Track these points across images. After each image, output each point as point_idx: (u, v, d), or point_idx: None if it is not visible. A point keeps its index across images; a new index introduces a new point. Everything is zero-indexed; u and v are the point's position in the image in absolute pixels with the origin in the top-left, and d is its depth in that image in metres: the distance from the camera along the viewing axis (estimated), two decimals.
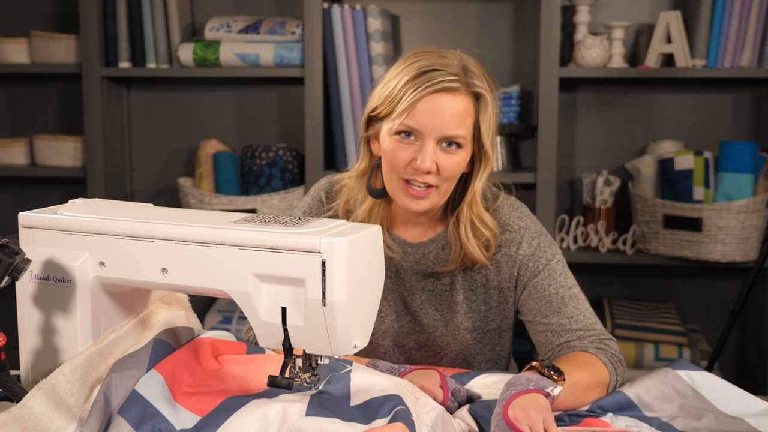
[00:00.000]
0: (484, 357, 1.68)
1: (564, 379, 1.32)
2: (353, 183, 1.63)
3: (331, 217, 1.65)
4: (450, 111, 1.47)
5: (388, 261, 1.62)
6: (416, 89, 1.46)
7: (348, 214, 1.63)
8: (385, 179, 1.54)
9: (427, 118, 1.47)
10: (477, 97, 1.51)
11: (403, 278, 1.63)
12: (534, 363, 1.34)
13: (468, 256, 1.58)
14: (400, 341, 1.67)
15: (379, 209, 1.61)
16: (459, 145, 1.49)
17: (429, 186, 1.50)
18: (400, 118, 1.47)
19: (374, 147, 1.58)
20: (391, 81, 1.51)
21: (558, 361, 1.41)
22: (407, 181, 1.50)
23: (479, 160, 1.55)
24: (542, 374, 1.32)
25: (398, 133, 1.49)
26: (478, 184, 1.56)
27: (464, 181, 1.58)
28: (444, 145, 1.49)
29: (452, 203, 1.59)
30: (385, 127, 1.52)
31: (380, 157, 1.56)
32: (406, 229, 1.64)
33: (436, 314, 1.64)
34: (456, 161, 1.50)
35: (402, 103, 1.47)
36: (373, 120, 1.56)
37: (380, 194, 1.58)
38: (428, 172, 1.48)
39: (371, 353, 1.68)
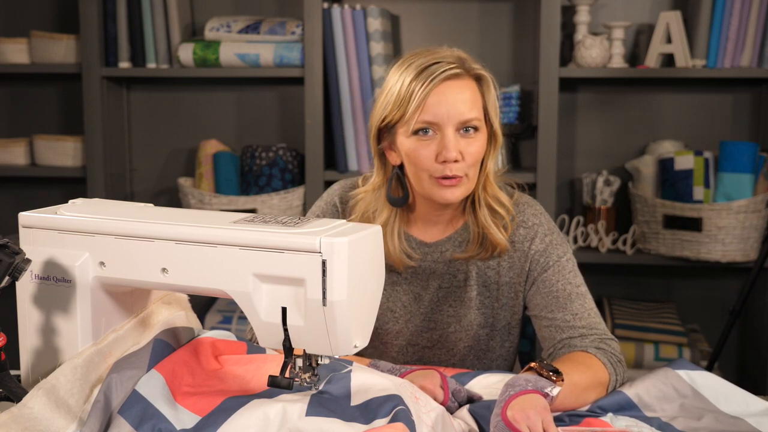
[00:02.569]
0: (495, 354, 1.69)
1: (562, 380, 1.32)
2: (369, 197, 1.63)
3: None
4: (460, 97, 1.51)
5: (407, 265, 1.63)
6: (423, 84, 1.49)
7: None
8: (414, 182, 1.56)
9: (441, 108, 1.49)
10: (479, 80, 1.55)
11: (420, 278, 1.65)
12: (532, 364, 1.34)
13: (487, 241, 1.60)
14: (414, 340, 1.68)
15: (396, 218, 1.62)
16: (476, 129, 1.53)
17: (459, 176, 1.52)
18: (414, 117, 1.50)
19: (391, 157, 1.59)
20: (394, 86, 1.53)
21: (557, 362, 1.42)
22: (438, 177, 1.52)
23: (489, 140, 1.58)
24: (540, 375, 1.32)
25: (416, 132, 1.51)
26: (491, 164, 1.59)
27: None
28: (462, 131, 1.51)
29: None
30: (401, 132, 1.54)
31: (396, 167, 1.58)
32: (425, 229, 1.65)
33: (449, 310, 1.65)
34: (477, 145, 1.53)
35: (412, 102, 1.50)
36: (383, 131, 1.57)
37: (401, 202, 1.60)
38: (456, 161, 1.50)
39: (384, 354, 1.69)
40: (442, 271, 1.64)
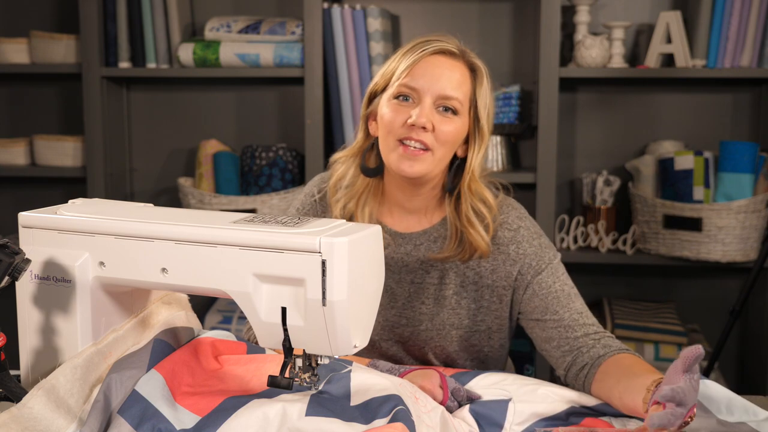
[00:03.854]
0: (470, 356, 1.65)
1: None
2: (347, 162, 1.63)
3: (321, 198, 1.65)
4: (448, 73, 1.51)
5: None
6: (415, 53, 1.52)
7: (338, 191, 1.62)
8: (382, 146, 1.54)
9: (426, 79, 1.50)
10: (473, 70, 1.55)
11: (392, 270, 1.61)
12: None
13: (465, 243, 1.57)
14: (386, 335, 1.64)
15: (369, 192, 1.60)
16: (455, 112, 1.51)
17: (425, 148, 1.49)
18: (398, 80, 1.51)
19: (372, 127, 1.59)
20: (391, 61, 1.56)
21: (646, 372, 1.33)
22: (402, 142, 1.50)
23: (475, 137, 1.56)
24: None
25: (396, 97, 1.52)
26: (476, 161, 1.56)
27: (459, 166, 1.58)
28: (441, 109, 1.51)
29: (449, 189, 1.59)
30: (384, 97, 1.54)
31: (376, 137, 1.57)
32: (400, 219, 1.62)
33: (422, 308, 1.61)
34: (452, 126, 1.51)
35: (400, 67, 1.52)
36: (372, 97, 1.58)
37: (373, 173, 1.59)
38: (423, 128, 1.48)
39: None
40: (415, 266, 1.61)
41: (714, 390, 1.37)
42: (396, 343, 1.65)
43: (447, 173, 1.58)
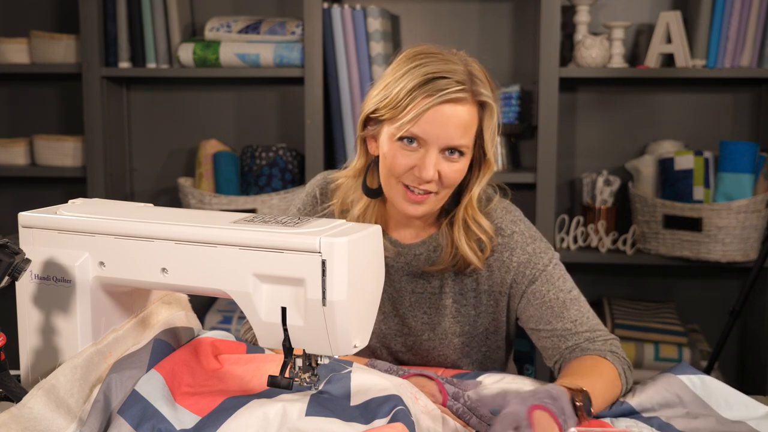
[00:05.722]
0: (471, 360, 1.65)
1: (585, 419, 1.28)
2: (349, 182, 1.61)
3: (325, 216, 1.64)
4: (455, 121, 1.45)
5: None
6: (423, 98, 1.44)
7: (343, 215, 1.62)
8: (383, 182, 1.52)
9: (433, 127, 1.44)
10: (482, 106, 1.49)
11: (393, 279, 1.61)
12: (573, 388, 1.29)
13: (460, 257, 1.56)
14: (387, 342, 1.65)
15: (374, 209, 1.59)
16: (461, 153, 1.48)
17: (428, 192, 1.48)
18: (405, 126, 1.45)
19: (371, 146, 1.56)
20: (393, 84, 1.47)
21: (579, 374, 1.38)
22: (407, 186, 1.48)
23: (479, 165, 1.54)
24: (574, 407, 1.26)
25: (401, 139, 1.47)
26: (476, 189, 1.54)
27: (459, 185, 1.56)
28: (446, 153, 1.47)
29: (447, 205, 1.57)
30: (386, 131, 1.49)
31: (376, 156, 1.55)
32: (399, 230, 1.62)
33: (423, 317, 1.61)
34: (457, 169, 1.48)
35: (408, 113, 1.44)
36: (371, 121, 1.54)
37: (375, 194, 1.56)
38: (429, 181, 1.47)
39: (360, 353, 1.66)
40: (416, 274, 1.60)
41: (713, 386, 1.37)
42: (398, 351, 1.65)
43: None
